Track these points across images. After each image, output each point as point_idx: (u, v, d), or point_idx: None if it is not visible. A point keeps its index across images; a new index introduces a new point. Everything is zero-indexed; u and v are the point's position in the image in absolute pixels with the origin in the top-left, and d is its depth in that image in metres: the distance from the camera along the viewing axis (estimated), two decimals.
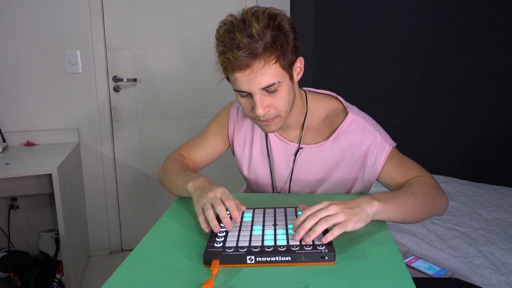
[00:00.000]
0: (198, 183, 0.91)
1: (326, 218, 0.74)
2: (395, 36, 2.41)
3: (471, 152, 2.34)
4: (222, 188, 0.85)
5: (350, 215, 0.75)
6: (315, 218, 0.74)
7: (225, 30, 0.86)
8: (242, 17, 0.86)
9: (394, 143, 1.04)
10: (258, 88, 0.88)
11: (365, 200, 0.79)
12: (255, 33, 0.83)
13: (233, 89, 0.93)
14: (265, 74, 0.86)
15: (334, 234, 0.72)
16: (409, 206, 0.87)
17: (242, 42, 0.83)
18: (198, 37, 2.32)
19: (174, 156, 1.15)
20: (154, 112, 2.37)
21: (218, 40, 0.88)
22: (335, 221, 0.74)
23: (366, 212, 0.77)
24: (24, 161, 1.80)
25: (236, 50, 0.83)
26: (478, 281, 1.25)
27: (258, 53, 0.84)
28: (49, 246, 2.20)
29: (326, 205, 0.76)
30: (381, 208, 0.80)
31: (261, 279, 0.65)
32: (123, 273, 0.68)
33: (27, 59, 2.08)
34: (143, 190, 2.44)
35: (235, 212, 0.80)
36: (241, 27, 0.84)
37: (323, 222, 0.73)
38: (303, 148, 1.06)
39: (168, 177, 1.06)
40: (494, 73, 2.20)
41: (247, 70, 0.86)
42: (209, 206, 0.81)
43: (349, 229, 0.74)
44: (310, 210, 0.76)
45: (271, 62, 0.86)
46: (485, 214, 1.78)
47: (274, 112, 0.93)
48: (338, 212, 0.75)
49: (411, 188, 0.92)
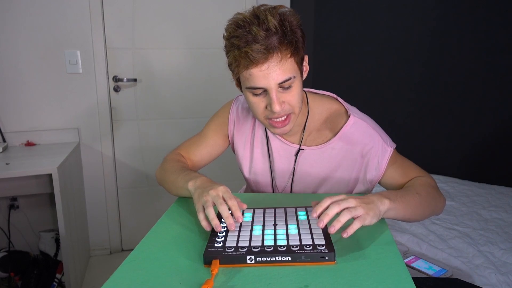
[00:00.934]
0: (198, 182, 0.91)
1: (348, 209, 0.74)
2: (395, 36, 2.41)
3: (471, 152, 2.34)
4: (223, 187, 0.85)
5: (368, 210, 0.75)
6: (339, 206, 0.74)
7: (237, 26, 0.85)
8: (254, 13, 0.86)
9: (394, 145, 1.04)
10: (275, 83, 0.87)
11: (376, 198, 0.79)
12: (272, 27, 0.83)
13: (246, 88, 0.91)
14: (282, 68, 0.86)
15: (354, 228, 0.72)
16: (414, 205, 0.88)
17: (260, 35, 0.82)
18: (198, 37, 2.32)
19: (172, 155, 1.14)
20: (154, 112, 2.37)
21: (231, 36, 0.86)
22: (356, 214, 0.73)
23: (379, 209, 0.78)
24: (24, 161, 1.80)
25: (253, 43, 0.83)
26: (478, 281, 1.25)
27: (275, 46, 0.84)
28: (49, 246, 2.20)
29: (344, 197, 0.76)
30: (391, 206, 0.80)
31: (261, 279, 0.65)
32: (123, 273, 0.68)
33: (28, 59, 2.08)
34: (143, 190, 2.44)
35: (238, 212, 0.79)
36: (256, 22, 0.84)
37: (346, 213, 0.73)
38: (303, 150, 1.06)
39: (167, 176, 1.05)
40: (494, 73, 2.20)
41: (264, 64, 0.85)
42: (210, 204, 0.80)
43: (367, 223, 0.74)
44: (332, 198, 0.76)
45: (287, 56, 0.86)
46: (485, 214, 1.78)
47: (289, 108, 0.92)
48: (357, 205, 0.74)
49: (415, 187, 0.94)
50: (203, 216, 0.81)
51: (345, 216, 0.72)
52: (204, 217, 0.81)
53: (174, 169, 1.04)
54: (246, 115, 1.13)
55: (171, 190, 1.04)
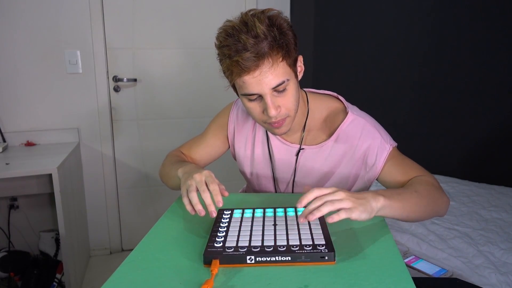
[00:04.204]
0: (187, 168, 0.93)
1: (332, 201, 0.73)
2: (395, 36, 2.41)
3: (471, 152, 2.34)
4: (207, 171, 0.86)
5: (357, 204, 0.74)
6: (321, 200, 0.74)
7: (227, 35, 0.85)
8: (242, 20, 0.85)
9: (395, 143, 1.04)
10: (268, 88, 0.87)
11: (370, 195, 0.79)
12: (260, 33, 0.83)
13: (241, 94, 0.92)
14: (275, 73, 0.86)
15: (340, 216, 0.72)
16: (412, 203, 0.87)
17: (249, 42, 0.82)
18: (198, 37, 2.32)
19: (173, 152, 1.17)
20: (154, 112, 2.37)
21: (221, 46, 0.87)
22: (341, 206, 0.73)
23: (371, 206, 0.77)
24: (24, 161, 1.80)
25: (243, 52, 0.83)
26: (478, 281, 1.25)
27: (265, 52, 0.84)
28: (49, 246, 2.20)
29: (334, 190, 0.76)
30: (386, 204, 0.80)
31: (261, 279, 0.65)
32: (123, 273, 0.68)
33: (27, 59, 2.08)
34: (143, 190, 2.44)
35: (219, 196, 0.81)
36: (244, 29, 0.83)
37: (329, 204, 0.73)
38: (304, 149, 1.06)
39: (166, 170, 1.08)
40: (494, 73, 2.20)
41: (256, 71, 0.85)
42: (193, 189, 0.82)
43: (354, 216, 0.73)
44: (318, 192, 0.76)
45: (279, 60, 0.86)
46: (485, 214, 1.78)
47: (285, 112, 0.93)
48: (345, 198, 0.74)
49: (414, 186, 0.92)
50: (188, 201, 0.83)
51: (327, 207, 0.72)
52: (189, 201, 0.82)
53: (171, 163, 1.07)
54: (247, 116, 1.14)
55: (168, 182, 1.07)
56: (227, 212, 0.88)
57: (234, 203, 0.98)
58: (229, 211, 0.89)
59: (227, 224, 0.82)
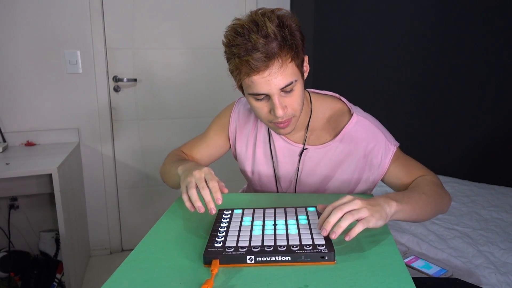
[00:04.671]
0: (187, 166, 0.93)
1: (351, 212, 0.72)
2: (395, 36, 2.41)
3: (471, 152, 2.34)
4: (207, 168, 0.86)
5: (373, 212, 0.73)
6: (341, 211, 0.72)
7: (236, 33, 0.84)
8: (252, 19, 0.85)
9: (398, 143, 1.05)
10: (277, 88, 0.87)
11: (383, 200, 0.78)
12: (271, 33, 0.82)
13: (248, 94, 0.91)
14: (284, 74, 0.86)
15: (356, 231, 0.70)
16: (421, 205, 0.87)
17: (259, 42, 0.82)
18: (198, 37, 2.32)
19: (174, 151, 1.18)
20: (154, 112, 2.37)
21: (230, 44, 0.86)
22: (360, 216, 0.72)
23: (386, 212, 0.76)
24: (24, 161, 1.80)
25: (253, 52, 0.82)
26: (478, 281, 1.25)
27: (275, 52, 0.83)
28: (49, 246, 2.20)
29: (350, 199, 0.75)
30: (398, 208, 0.79)
31: (261, 279, 0.65)
32: (123, 273, 0.68)
33: (27, 59, 2.08)
34: (143, 190, 2.44)
35: (218, 193, 0.81)
36: (255, 28, 0.83)
37: (348, 217, 0.71)
38: (307, 149, 1.06)
39: (166, 169, 1.08)
40: (494, 73, 2.20)
41: (266, 71, 0.85)
42: (192, 186, 0.82)
43: (371, 225, 0.72)
44: (334, 204, 0.75)
45: (288, 61, 0.86)
46: (485, 214, 1.78)
47: (291, 112, 0.93)
48: (362, 207, 0.73)
49: (420, 187, 0.93)
50: (187, 198, 0.83)
51: (347, 220, 0.71)
52: (188, 198, 0.82)
53: (172, 161, 1.07)
54: (248, 115, 1.14)
55: (169, 181, 1.07)
56: (227, 212, 0.88)
57: (234, 203, 0.98)
58: (229, 211, 0.89)
59: (227, 224, 0.82)
